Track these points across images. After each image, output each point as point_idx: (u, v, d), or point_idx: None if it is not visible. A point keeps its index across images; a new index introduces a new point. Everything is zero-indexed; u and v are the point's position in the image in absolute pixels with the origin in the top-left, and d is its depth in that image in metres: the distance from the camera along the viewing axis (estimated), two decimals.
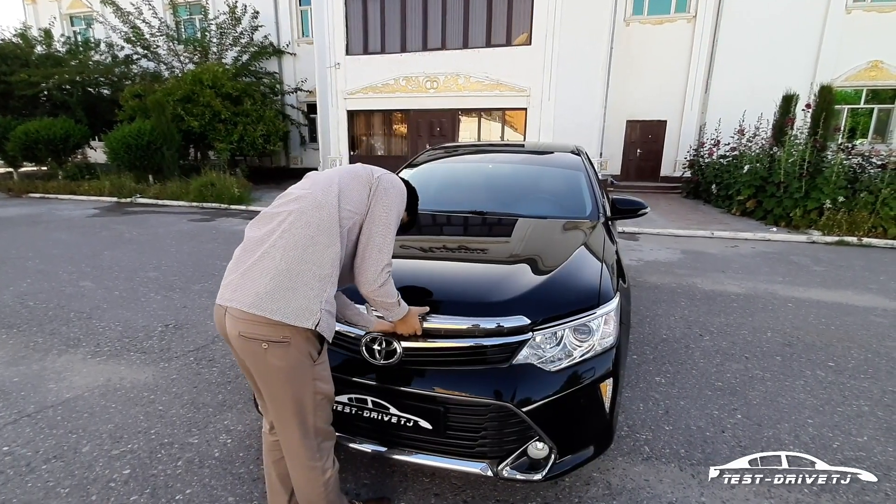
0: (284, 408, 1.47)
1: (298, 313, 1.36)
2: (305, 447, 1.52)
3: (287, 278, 1.37)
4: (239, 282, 1.39)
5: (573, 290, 2.07)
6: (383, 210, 1.52)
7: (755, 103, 11.20)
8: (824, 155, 8.65)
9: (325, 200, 1.45)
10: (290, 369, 1.41)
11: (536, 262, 2.12)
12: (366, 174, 1.58)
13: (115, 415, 2.54)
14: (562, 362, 1.76)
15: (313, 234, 1.40)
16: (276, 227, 1.43)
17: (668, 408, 2.69)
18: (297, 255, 1.38)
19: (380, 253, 1.50)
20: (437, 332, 1.76)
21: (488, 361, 1.75)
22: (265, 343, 1.36)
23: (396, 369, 1.77)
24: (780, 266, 6.01)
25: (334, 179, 1.52)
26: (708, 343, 3.59)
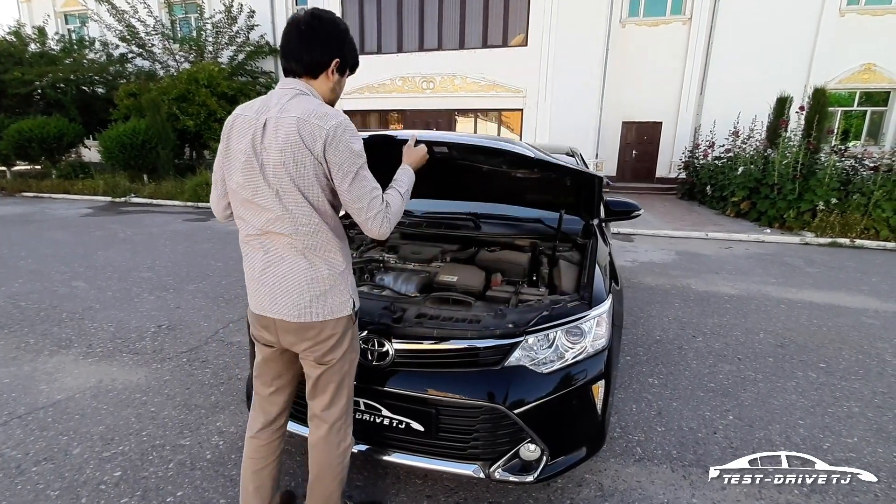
0: (327, 373, 1.51)
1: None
2: (339, 408, 1.56)
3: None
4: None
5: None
6: (342, 154, 1.33)
7: (750, 105, 11.25)
8: (817, 157, 8.71)
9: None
10: (339, 337, 1.48)
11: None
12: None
13: (107, 416, 2.53)
14: (554, 364, 1.77)
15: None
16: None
17: (661, 409, 2.70)
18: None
19: (365, 201, 1.36)
20: (430, 335, 1.76)
21: (480, 363, 1.75)
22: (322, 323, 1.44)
23: (388, 371, 1.77)
24: (774, 267, 6.05)
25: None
26: (701, 344, 3.60)
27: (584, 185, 2.28)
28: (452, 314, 1.87)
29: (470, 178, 2.40)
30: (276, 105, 1.34)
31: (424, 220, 2.88)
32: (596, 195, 2.33)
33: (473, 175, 2.32)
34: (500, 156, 1.98)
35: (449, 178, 2.42)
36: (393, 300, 1.99)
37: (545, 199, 2.56)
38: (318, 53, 1.40)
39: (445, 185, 2.52)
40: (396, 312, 1.87)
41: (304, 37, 1.39)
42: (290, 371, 1.61)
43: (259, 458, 1.63)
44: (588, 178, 2.10)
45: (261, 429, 1.63)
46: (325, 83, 1.45)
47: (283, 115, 1.32)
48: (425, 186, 2.54)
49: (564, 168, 1.98)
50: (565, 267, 2.31)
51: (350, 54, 1.48)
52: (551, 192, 2.47)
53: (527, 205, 2.67)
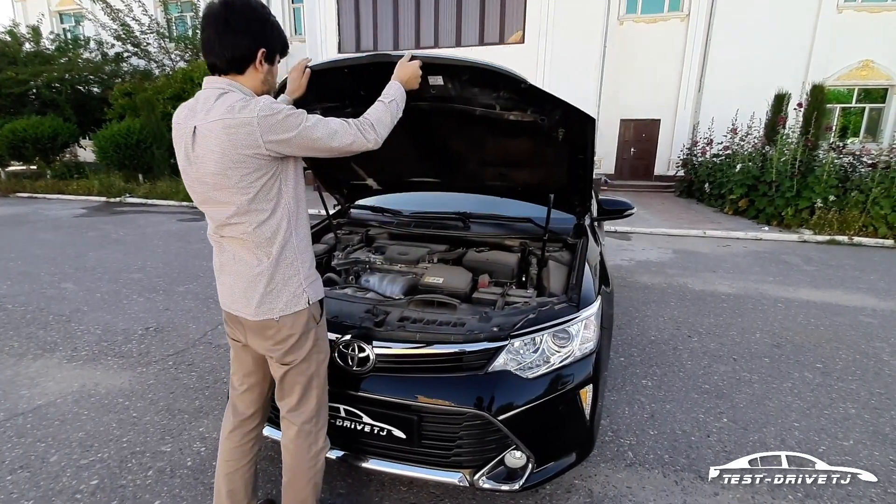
0: (292, 373, 1.47)
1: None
2: (307, 410, 1.52)
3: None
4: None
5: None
6: (293, 139, 1.27)
7: (748, 102, 11.19)
8: (815, 154, 8.66)
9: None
10: (301, 335, 1.44)
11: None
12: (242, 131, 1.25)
13: (88, 422, 2.47)
14: (540, 369, 1.71)
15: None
16: None
17: (654, 412, 2.64)
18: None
19: (336, 138, 1.34)
20: (412, 338, 1.71)
21: (464, 368, 1.69)
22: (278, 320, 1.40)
23: (369, 377, 1.72)
24: (772, 265, 6.00)
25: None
26: (696, 344, 3.55)
27: (577, 136, 2.04)
28: (436, 317, 1.81)
29: (458, 140, 2.33)
30: (202, 109, 1.27)
31: (413, 220, 2.82)
32: (589, 144, 2.07)
33: (463, 135, 2.26)
34: (495, 81, 1.84)
35: (436, 142, 2.37)
36: (376, 303, 1.93)
37: (537, 161, 2.34)
38: (240, 47, 1.30)
39: (432, 151, 2.47)
40: (378, 316, 1.82)
41: (221, 31, 1.28)
42: (260, 369, 1.58)
43: (232, 460, 1.59)
44: (582, 118, 1.93)
45: (233, 429, 1.60)
46: (255, 76, 1.35)
47: (210, 121, 1.24)
48: (413, 156, 2.53)
49: (557, 100, 1.87)
50: (554, 267, 2.25)
51: (275, 39, 1.37)
52: (543, 151, 2.24)
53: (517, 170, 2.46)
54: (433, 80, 1.84)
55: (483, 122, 2.07)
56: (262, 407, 1.65)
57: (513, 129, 2.08)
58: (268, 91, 1.41)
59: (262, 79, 1.37)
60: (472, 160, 2.46)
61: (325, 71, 1.87)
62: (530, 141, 2.17)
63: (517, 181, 2.54)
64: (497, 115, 2.00)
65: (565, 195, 2.47)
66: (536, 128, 2.02)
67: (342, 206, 3.08)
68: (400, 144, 2.46)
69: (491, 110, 1.99)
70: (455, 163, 2.51)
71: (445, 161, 2.53)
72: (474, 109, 2.00)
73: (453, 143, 2.37)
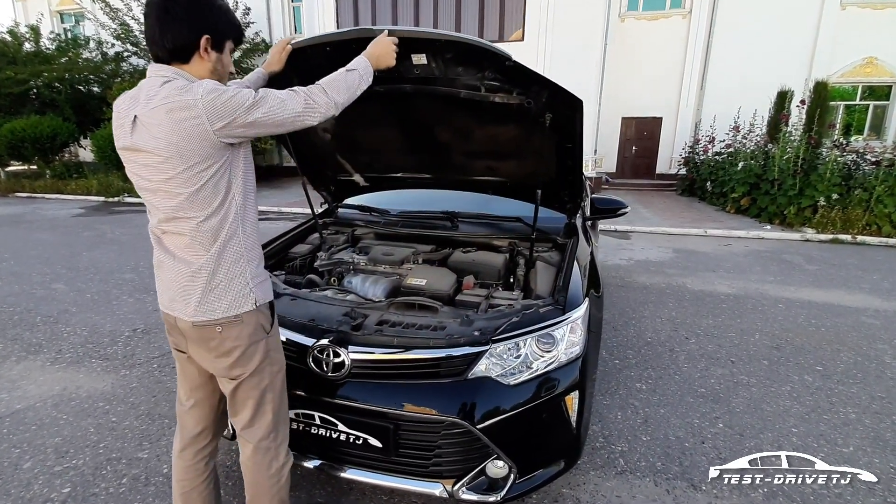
0: (242, 388, 1.36)
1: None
2: (262, 426, 1.42)
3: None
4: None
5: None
6: (240, 118, 1.17)
7: (750, 100, 11.07)
8: (819, 152, 8.55)
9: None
10: (248, 346, 1.33)
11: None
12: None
13: (65, 427, 2.42)
14: (522, 375, 1.64)
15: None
16: None
17: (648, 416, 2.57)
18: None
19: (287, 107, 1.24)
20: (389, 343, 1.64)
21: (443, 374, 1.62)
22: (219, 326, 1.29)
23: (344, 383, 1.65)
24: (773, 265, 5.90)
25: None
26: (694, 346, 3.47)
27: (564, 121, 1.93)
28: (416, 321, 1.74)
29: (444, 128, 2.25)
30: (144, 98, 1.18)
31: (400, 219, 2.75)
32: (577, 130, 1.96)
33: (448, 122, 2.18)
34: (480, 57, 1.74)
35: (421, 130, 2.30)
36: (355, 305, 1.86)
37: (524, 150, 2.27)
38: (180, 35, 1.20)
39: (418, 141, 2.40)
40: (356, 319, 1.75)
41: (161, 18, 1.20)
42: (209, 383, 1.46)
43: (186, 479, 1.51)
44: (570, 100, 1.82)
45: (183, 448, 1.51)
46: (202, 65, 1.25)
47: (151, 108, 1.16)
48: (398, 147, 2.46)
49: (544, 80, 1.77)
50: (542, 268, 2.18)
51: (223, 24, 1.27)
52: (531, 139, 2.15)
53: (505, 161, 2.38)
54: (416, 58, 1.76)
55: (468, 107, 2.00)
56: (213, 423, 1.53)
57: (499, 114, 2.00)
58: (218, 81, 1.28)
59: (211, 68, 1.27)
60: (459, 151, 2.39)
61: (307, 49, 1.81)
62: (517, 128, 2.10)
63: (505, 174, 2.47)
64: (482, 98, 1.92)
65: (555, 191, 2.39)
66: (523, 112, 1.94)
67: (329, 205, 3.01)
68: (385, 134, 2.41)
69: (476, 92, 1.91)
70: (442, 154, 2.45)
71: (432, 153, 2.47)
72: (459, 92, 1.92)
73: (439, 132, 2.30)
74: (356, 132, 2.44)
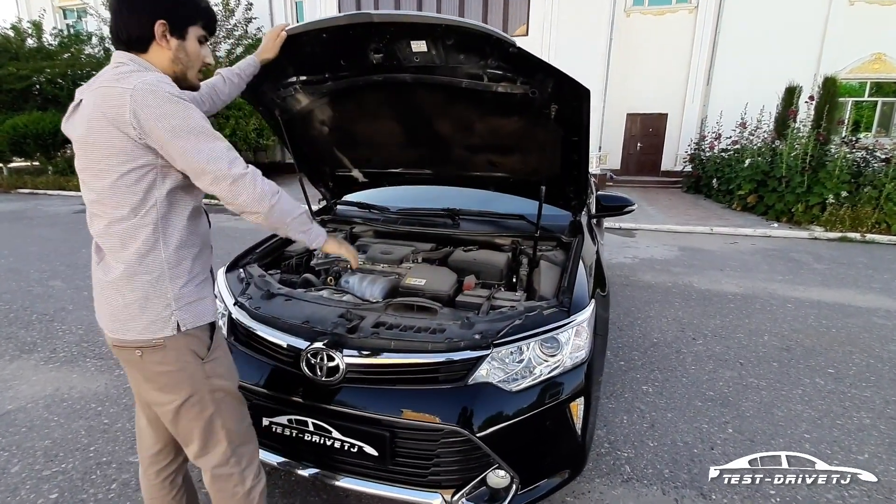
0: (182, 418, 1.23)
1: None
2: (217, 454, 1.29)
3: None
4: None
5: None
6: (165, 125, 1.03)
7: (758, 96, 10.92)
8: (827, 148, 8.41)
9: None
10: (176, 372, 1.19)
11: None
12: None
13: (56, 429, 2.36)
14: (525, 380, 1.56)
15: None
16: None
17: (654, 421, 2.49)
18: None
19: (210, 162, 1.07)
20: (386, 347, 1.57)
21: (442, 380, 1.55)
22: (138, 350, 1.16)
23: (338, 388, 1.58)
24: (781, 264, 5.80)
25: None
26: (701, 347, 3.38)
27: (570, 112, 1.84)
28: (414, 323, 1.67)
29: (445, 121, 2.17)
30: (95, 82, 1.10)
31: (400, 217, 2.68)
32: (584, 122, 1.87)
33: (449, 115, 2.10)
34: (482, 43, 1.65)
35: (422, 123, 2.22)
36: (351, 307, 1.79)
37: (528, 144, 2.17)
38: (134, 26, 1.12)
39: (418, 134, 2.32)
40: (352, 321, 1.68)
41: (117, 8, 1.13)
42: None
43: (155, 498, 1.43)
44: (576, 89, 1.73)
45: (147, 466, 1.42)
46: (161, 54, 1.15)
47: (90, 91, 1.08)
48: (398, 140, 2.36)
49: (549, 68, 1.68)
50: (546, 268, 2.10)
51: (185, 8, 1.16)
52: (535, 132, 2.05)
53: (508, 156, 2.30)
54: (416, 45, 1.68)
55: (470, 98, 1.92)
56: (172, 441, 1.39)
57: (502, 105, 1.92)
58: (183, 72, 1.19)
59: (171, 57, 1.15)
60: (460, 144, 2.31)
61: (302, 36, 1.73)
62: (521, 120, 2.01)
63: (508, 169, 2.39)
64: (485, 88, 1.84)
65: (560, 187, 2.31)
66: (527, 103, 1.86)
67: (327, 202, 2.94)
68: (383, 126, 2.33)
69: (478, 82, 1.82)
70: (442, 149, 2.37)
71: (432, 147, 2.39)
72: (460, 81, 1.84)
73: (439, 125, 2.21)
74: (354, 125, 2.37)
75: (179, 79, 1.19)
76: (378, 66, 1.84)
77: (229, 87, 1.66)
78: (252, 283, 2.02)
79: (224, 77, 1.65)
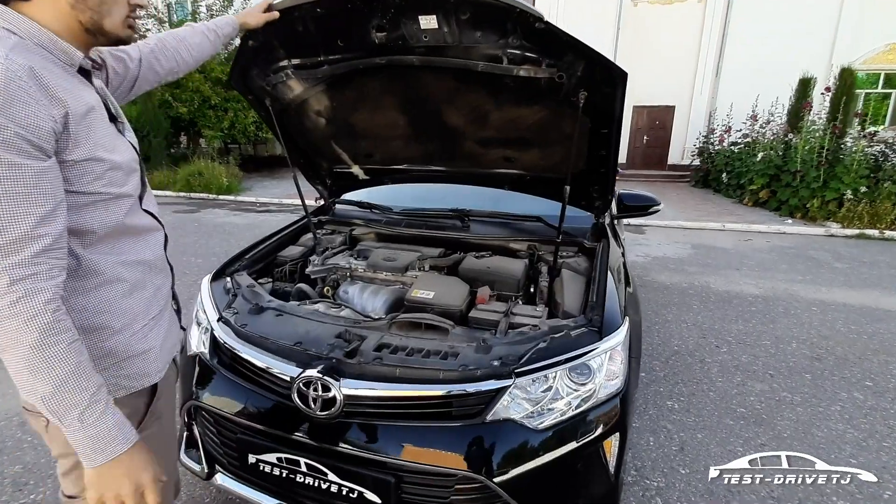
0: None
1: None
2: None
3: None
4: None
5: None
6: None
7: (769, 88, 10.60)
8: (843, 142, 8.13)
9: None
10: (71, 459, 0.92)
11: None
12: None
13: (29, 452, 2.15)
14: (552, 415, 1.34)
15: None
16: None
17: (684, 443, 2.27)
18: None
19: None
20: (391, 375, 1.35)
21: (456, 415, 1.33)
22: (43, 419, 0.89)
23: (336, 424, 1.36)
24: (799, 263, 5.56)
25: None
26: (726, 356, 3.16)
27: (602, 100, 1.62)
28: (423, 345, 1.45)
29: (455, 111, 1.93)
30: None
31: (404, 218, 2.45)
32: (616, 112, 1.66)
33: (460, 104, 1.87)
34: (504, 17, 1.42)
35: (429, 113, 1.98)
36: (350, 324, 1.57)
37: (550, 138, 1.94)
38: None
39: (425, 127, 2.09)
40: (351, 342, 1.46)
41: None
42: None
43: None
44: (612, 72, 1.52)
45: None
46: (49, 5, 0.81)
47: None
48: (402, 133, 2.11)
49: (582, 47, 1.45)
50: (569, 278, 1.87)
51: None
52: (560, 124, 1.82)
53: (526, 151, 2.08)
54: (425, 21, 1.45)
55: (486, 84, 1.70)
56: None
57: (522, 92, 1.69)
58: (95, 21, 0.86)
59: (71, 2, 0.82)
60: (473, 137, 2.07)
61: (293, 11, 1.50)
62: (543, 110, 1.78)
63: (526, 165, 2.16)
64: (503, 72, 1.60)
65: (583, 185, 2.07)
66: (552, 89, 1.63)
67: (325, 201, 2.71)
68: (387, 117, 2.08)
69: (496, 64, 1.58)
70: (452, 142, 2.13)
71: (441, 140, 2.16)
72: (476, 64, 1.60)
73: (450, 115, 1.98)
74: (354, 116, 2.13)
75: (93, 33, 0.87)
76: (381, 46, 1.60)
77: (201, 40, 1.35)
78: (240, 295, 1.80)
79: (195, 29, 1.35)
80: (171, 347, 1.11)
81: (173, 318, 1.16)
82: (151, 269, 1.01)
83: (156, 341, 1.00)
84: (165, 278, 1.08)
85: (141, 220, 0.99)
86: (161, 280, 1.05)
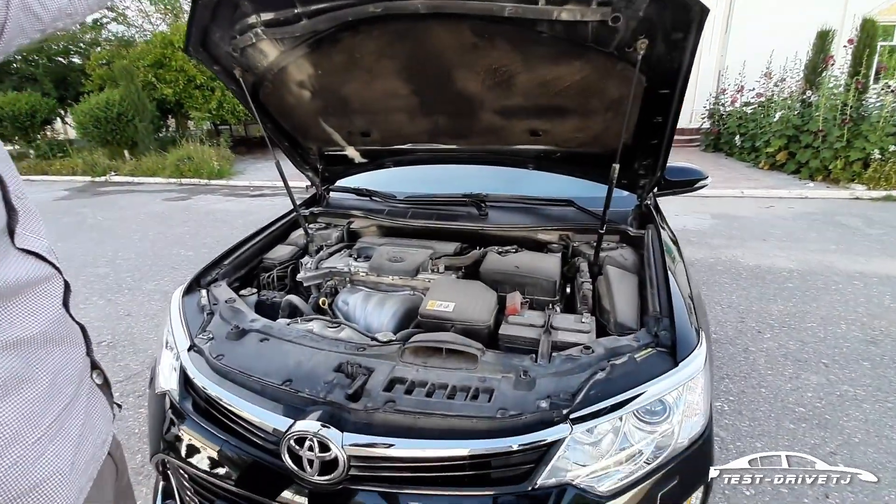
0: None
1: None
2: None
3: None
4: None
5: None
6: None
7: (782, 43, 9.99)
8: (865, 98, 7.65)
9: None
10: None
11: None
12: None
13: None
14: (618, 473, 1.03)
15: None
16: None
17: (742, 454, 1.97)
18: None
19: None
20: (409, 426, 1.03)
21: (494, 481, 1.02)
22: None
23: (339, 491, 1.05)
24: (829, 230, 5.20)
25: None
26: (771, 343, 2.85)
27: (668, 51, 1.26)
28: (446, 379, 1.12)
29: (472, 72, 1.54)
30: None
31: (410, 206, 2.10)
32: (684, 65, 1.28)
33: (479, 62, 1.49)
34: None
35: (439, 76, 1.59)
36: (353, 351, 1.24)
37: (594, 103, 1.56)
38: None
39: (434, 94, 1.71)
40: (355, 378, 1.14)
41: None
42: None
43: None
44: (685, 7, 1.14)
45: None
46: None
47: None
48: (406, 104, 1.72)
49: None
50: (616, 277, 1.53)
51: None
52: (607, 85, 1.46)
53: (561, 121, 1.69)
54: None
55: (512, 38, 1.33)
56: None
57: (561, 44, 1.31)
58: None
59: None
60: (492, 107, 1.69)
61: None
62: (587, 67, 1.40)
63: (557, 139, 1.77)
64: (540, 15, 1.21)
65: (628, 160, 1.69)
66: (601, 38, 1.26)
67: (317, 190, 2.35)
68: (386, 85, 1.68)
69: (529, 6, 1.20)
70: (467, 114, 1.74)
71: (453, 112, 1.77)
72: (502, 7, 1.21)
73: (464, 80, 1.58)
74: (345, 86, 1.73)
75: None
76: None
77: None
78: (217, 314, 1.48)
79: None
80: (92, 456, 0.74)
81: (93, 402, 0.78)
82: (42, 346, 0.65)
83: (59, 461, 0.65)
84: (70, 348, 0.72)
85: (14, 269, 0.63)
86: (62, 357, 0.69)
